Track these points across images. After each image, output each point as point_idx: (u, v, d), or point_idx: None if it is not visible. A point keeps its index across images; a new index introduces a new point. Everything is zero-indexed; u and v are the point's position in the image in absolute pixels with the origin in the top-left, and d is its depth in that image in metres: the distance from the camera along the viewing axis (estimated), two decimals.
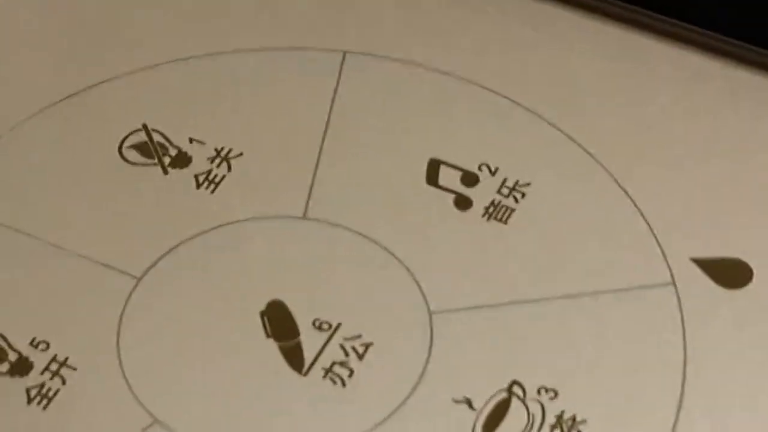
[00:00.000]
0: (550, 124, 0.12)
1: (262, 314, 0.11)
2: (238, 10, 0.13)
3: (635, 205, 0.11)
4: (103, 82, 0.12)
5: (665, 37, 0.13)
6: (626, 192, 0.12)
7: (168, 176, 0.11)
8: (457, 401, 0.10)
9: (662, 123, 0.12)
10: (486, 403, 0.10)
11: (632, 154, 0.12)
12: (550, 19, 0.13)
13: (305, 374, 0.10)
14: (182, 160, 0.11)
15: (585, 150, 0.12)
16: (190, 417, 0.10)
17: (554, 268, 0.11)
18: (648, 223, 0.11)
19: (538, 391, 0.10)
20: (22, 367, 0.10)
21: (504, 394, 0.10)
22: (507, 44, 0.13)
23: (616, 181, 0.12)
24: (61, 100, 0.12)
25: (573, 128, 0.12)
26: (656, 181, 0.12)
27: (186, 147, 0.12)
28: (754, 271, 0.11)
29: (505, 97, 0.12)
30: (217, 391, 0.10)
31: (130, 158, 0.12)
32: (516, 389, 0.10)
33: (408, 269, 0.11)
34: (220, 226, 0.11)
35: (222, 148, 0.12)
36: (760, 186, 0.12)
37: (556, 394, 0.10)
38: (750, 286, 0.11)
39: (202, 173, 0.11)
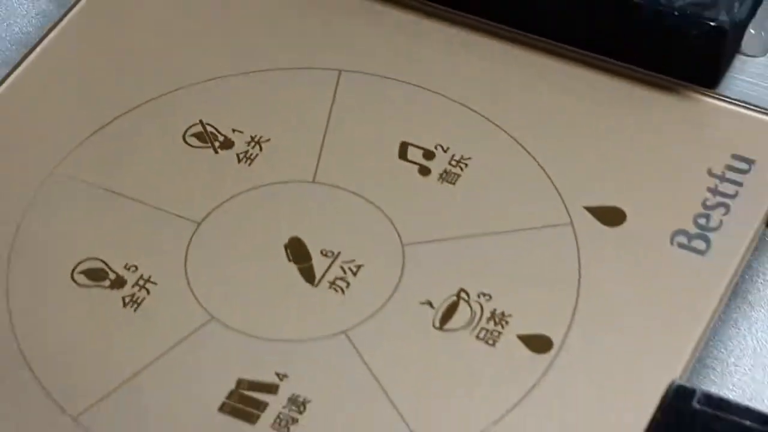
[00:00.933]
0: (485, 118, 0.16)
1: (285, 246, 0.15)
2: (252, 38, 0.18)
3: (545, 171, 0.16)
4: (170, 91, 0.17)
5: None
6: (538, 163, 0.16)
7: (218, 155, 0.16)
8: (422, 303, 0.14)
9: (566, 112, 0.17)
10: (442, 304, 0.14)
11: (546, 139, 0.16)
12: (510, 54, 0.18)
13: (316, 286, 0.14)
14: (227, 144, 0.16)
15: (509, 134, 0.16)
16: (238, 313, 0.14)
17: (487, 214, 0.15)
18: (553, 183, 0.16)
19: (478, 296, 0.14)
20: (118, 283, 0.14)
21: (454, 298, 0.14)
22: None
23: (531, 155, 0.16)
24: (143, 103, 0.17)
25: (503, 120, 0.16)
26: (560, 154, 0.16)
27: (230, 135, 0.16)
28: (627, 215, 0.15)
29: (460, 103, 0.17)
30: (257, 295, 0.14)
31: (191, 143, 0.16)
32: (463, 294, 0.14)
33: (387, 215, 0.15)
34: (254, 188, 0.16)
35: (255, 135, 0.16)
36: (630, 152, 0.16)
37: (490, 297, 0.14)
38: (624, 225, 0.15)
39: (242, 153, 0.16)
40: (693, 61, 0.17)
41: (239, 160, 0.16)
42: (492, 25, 0.19)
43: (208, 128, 0.17)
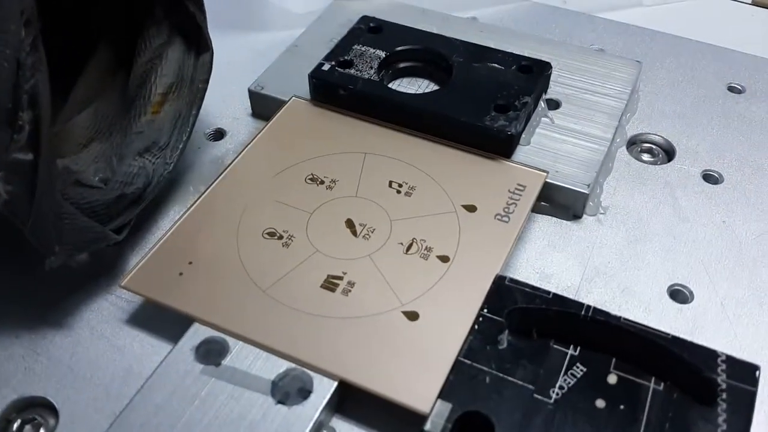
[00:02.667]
0: (418, 168, 0.35)
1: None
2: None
3: (442, 187, 0.34)
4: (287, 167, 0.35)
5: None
6: (438, 183, 0.34)
7: (330, 191, 0.34)
8: (398, 243, 0.33)
9: (450, 160, 0.36)
10: (405, 243, 0.33)
11: (443, 175, 0.35)
12: None
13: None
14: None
15: (427, 174, 0.35)
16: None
17: (429, 208, 0.34)
18: (447, 194, 0.34)
19: (421, 241, 0.33)
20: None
21: (410, 241, 0.33)
22: None
23: (435, 180, 0.34)
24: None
25: (425, 168, 0.35)
26: (449, 181, 0.33)
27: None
28: (477, 207, 0.34)
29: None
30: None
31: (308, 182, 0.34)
32: (414, 240, 0.33)
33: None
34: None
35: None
36: (475, 182, 0.34)
37: (425, 240, 0.33)
38: (476, 213, 0.34)
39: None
40: (499, 146, 0.36)
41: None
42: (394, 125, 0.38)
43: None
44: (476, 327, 0.28)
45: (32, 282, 0.32)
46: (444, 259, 0.31)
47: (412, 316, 0.29)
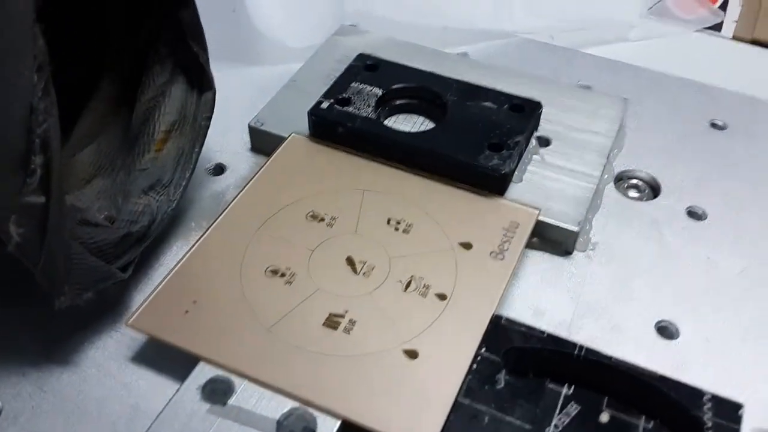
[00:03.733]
0: (414, 204, 0.36)
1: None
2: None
3: (438, 224, 0.34)
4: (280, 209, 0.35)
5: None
6: (435, 221, 0.34)
7: (331, 228, 0.35)
8: (398, 281, 0.33)
9: (449, 197, 0.36)
10: (404, 281, 0.33)
11: (440, 212, 0.35)
12: None
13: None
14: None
15: (424, 211, 0.35)
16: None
17: (422, 244, 0.35)
18: (444, 231, 0.35)
19: (420, 278, 0.34)
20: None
21: (409, 278, 0.33)
22: None
23: (431, 218, 0.35)
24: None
25: (423, 206, 0.36)
26: (447, 219, 0.34)
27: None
28: (473, 245, 0.35)
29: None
30: None
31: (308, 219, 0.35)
32: (413, 279, 0.34)
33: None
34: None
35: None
36: (471, 220, 0.36)
37: (423, 278, 0.34)
38: (472, 251, 0.34)
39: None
40: (493, 184, 0.36)
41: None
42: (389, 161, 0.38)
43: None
44: (474, 366, 0.28)
45: (39, 320, 0.32)
46: (442, 297, 0.31)
47: (412, 354, 0.29)
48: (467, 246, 0.33)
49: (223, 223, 0.35)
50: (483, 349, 0.29)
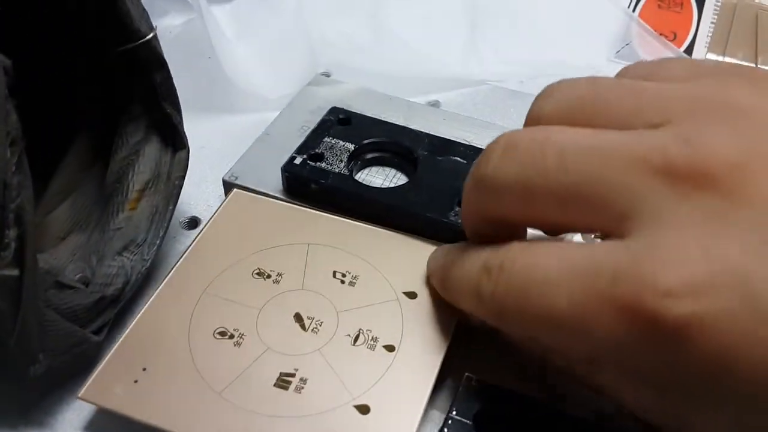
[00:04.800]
0: (361, 258, 0.36)
1: None
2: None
3: (383, 275, 0.34)
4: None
5: None
6: (380, 271, 0.35)
7: (278, 285, 0.35)
8: (346, 335, 0.33)
9: (402, 249, 0.37)
10: (352, 334, 0.34)
11: (383, 258, 0.36)
12: None
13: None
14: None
15: (369, 263, 0.35)
16: None
17: (367, 298, 0.35)
18: (389, 281, 0.35)
19: (367, 331, 0.34)
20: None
21: (357, 332, 0.34)
22: None
23: (376, 269, 0.35)
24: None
25: (368, 258, 0.36)
26: (390, 269, 0.35)
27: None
28: (418, 294, 0.34)
29: None
30: None
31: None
32: (361, 331, 0.34)
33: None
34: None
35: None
36: (418, 266, 0.37)
37: (371, 330, 0.34)
38: (416, 300, 0.34)
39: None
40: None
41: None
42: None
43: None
44: (445, 430, 0.29)
45: (14, 381, 0.32)
46: (390, 348, 0.32)
47: (364, 409, 0.29)
48: (411, 295, 0.34)
49: (167, 288, 0.34)
50: (453, 413, 0.29)
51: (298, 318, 0.33)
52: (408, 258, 0.35)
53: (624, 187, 0.22)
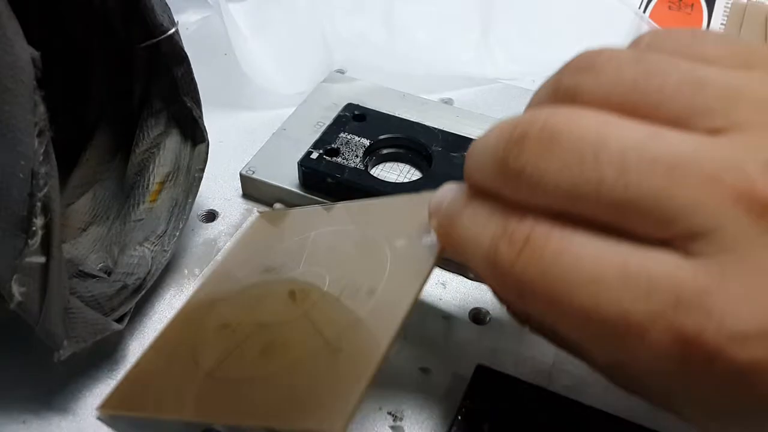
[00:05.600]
0: None
1: None
2: None
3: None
4: None
5: None
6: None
7: None
8: None
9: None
10: None
11: None
12: None
13: None
14: None
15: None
16: None
17: None
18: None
19: None
20: None
21: None
22: None
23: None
24: None
25: None
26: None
27: None
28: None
29: None
30: None
31: None
32: None
33: None
34: None
35: None
36: None
37: None
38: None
39: None
40: None
41: None
42: None
43: None
44: (459, 418, 0.29)
45: (39, 369, 0.32)
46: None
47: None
48: None
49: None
50: (467, 400, 0.30)
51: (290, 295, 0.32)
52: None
53: (697, 207, 0.19)
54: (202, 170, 0.37)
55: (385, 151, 0.41)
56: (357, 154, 0.39)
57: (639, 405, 0.32)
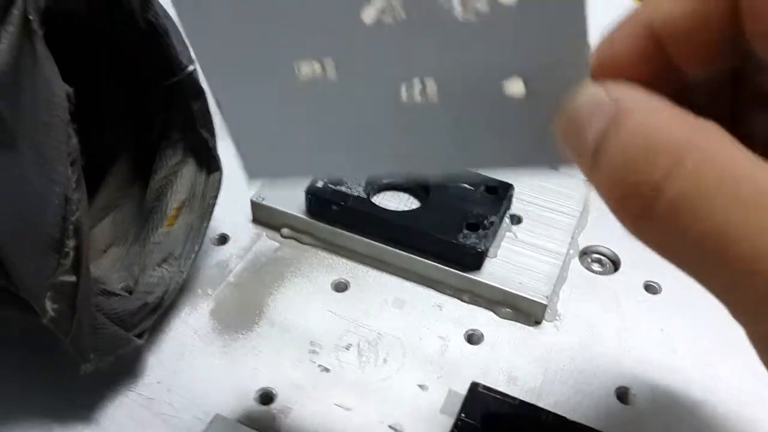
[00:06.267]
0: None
1: None
2: None
3: None
4: None
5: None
6: None
7: None
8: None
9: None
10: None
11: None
12: None
13: None
14: None
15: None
16: None
17: None
18: None
19: None
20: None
21: None
22: None
23: None
24: None
25: None
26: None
27: None
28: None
29: None
30: None
31: None
32: None
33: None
34: None
35: None
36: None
37: None
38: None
39: None
40: (470, 261, 0.40)
41: None
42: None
43: None
44: (456, 431, 0.31)
45: (65, 380, 0.34)
46: None
47: None
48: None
49: None
50: (463, 415, 0.32)
51: None
52: None
53: None
54: (216, 197, 0.39)
55: (386, 181, 0.43)
56: (360, 183, 0.42)
57: (625, 422, 0.34)
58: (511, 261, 0.40)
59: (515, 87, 0.19)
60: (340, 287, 0.40)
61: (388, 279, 0.41)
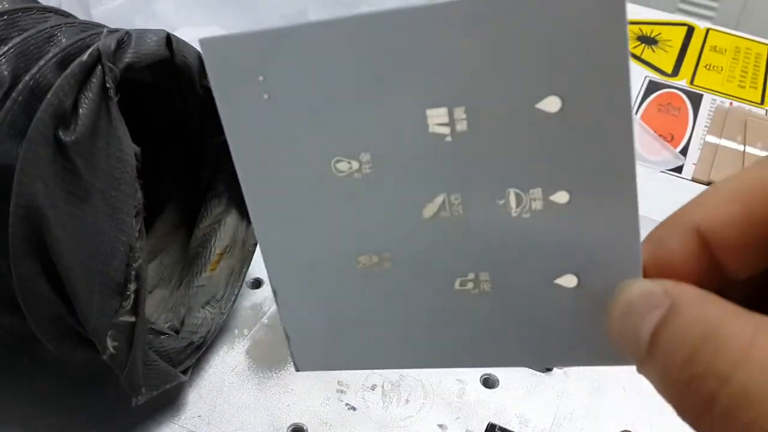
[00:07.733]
0: None
1: None
2: None
3: None
4: None
5: None
6: None
7: None
8: None
9: None
10: None
11: None
12: None
13: None
14: None
15: None
16: None
17: None
18: None
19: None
20: None
21: None
22: None
23: None
24: None
25: None
26: None
27: None
28: None
29: None
30: None
31: None
32: None
33: None
34: None
35: None
36: None
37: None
38: None
39: None
40: None
41: None
42: None
43: None
44: None
45: (112, 413, 0.37)
46: None
47: None
48: None
49: None
50: None
51: None
52: None
53: None
54: (256, 244, 0.42)
55: None
56: None
57: None
58: None
59: (567, 281, 0.20)
60: None
61: None
